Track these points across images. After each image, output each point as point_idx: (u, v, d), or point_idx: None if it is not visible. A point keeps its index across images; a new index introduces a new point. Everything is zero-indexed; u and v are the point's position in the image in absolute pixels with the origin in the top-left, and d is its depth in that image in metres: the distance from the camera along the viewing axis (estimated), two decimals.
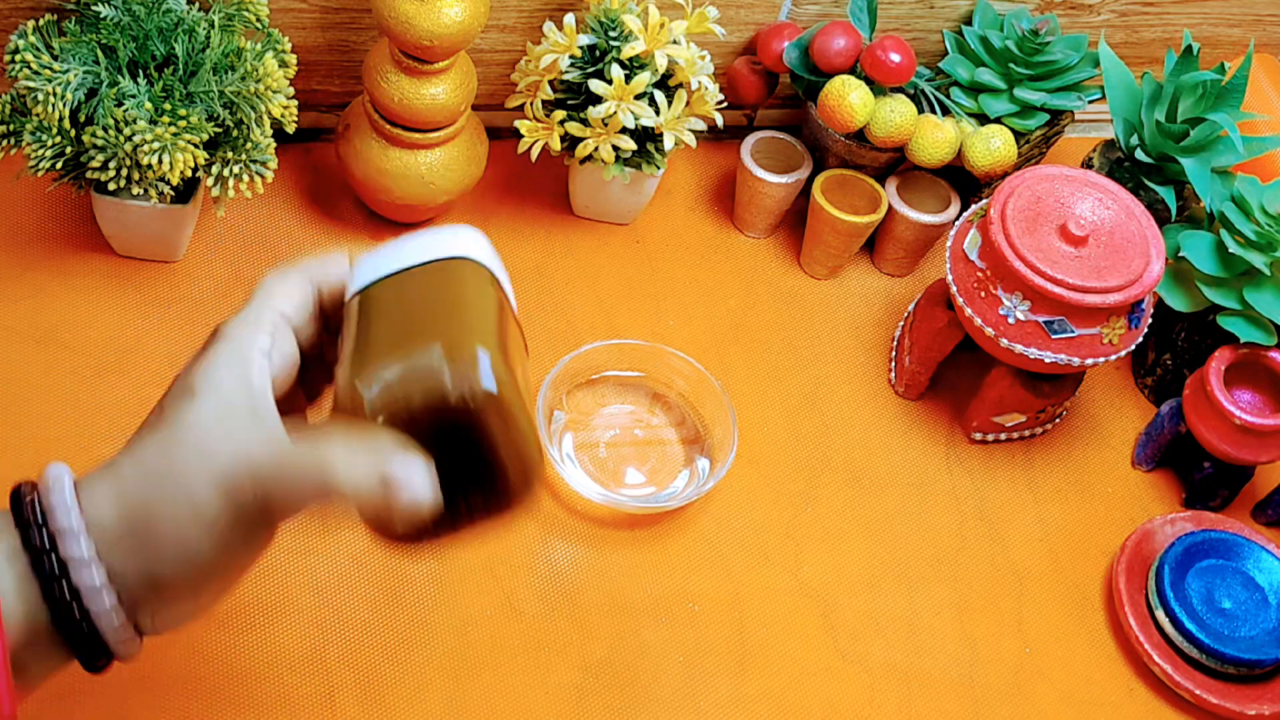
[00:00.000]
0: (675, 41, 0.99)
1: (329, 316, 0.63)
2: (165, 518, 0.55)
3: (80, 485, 0.57)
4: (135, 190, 0.88)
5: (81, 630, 0.55)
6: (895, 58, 1.04)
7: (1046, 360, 0.94)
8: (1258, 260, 0.97)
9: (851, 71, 1.06)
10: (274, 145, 0.91)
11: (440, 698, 0.84)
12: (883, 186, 1.08)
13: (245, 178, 0.90)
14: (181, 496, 0.55)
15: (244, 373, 0.57)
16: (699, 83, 1.00)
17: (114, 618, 0.56)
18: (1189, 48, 1.02)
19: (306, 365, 0.62)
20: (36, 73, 0.85)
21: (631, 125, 0.98)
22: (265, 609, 0.85)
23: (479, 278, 0.62)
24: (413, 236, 0.62)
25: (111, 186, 0.89)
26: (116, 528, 0.56)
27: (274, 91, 0.88)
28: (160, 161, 0.85)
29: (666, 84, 1.01)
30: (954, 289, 0.96)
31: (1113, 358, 0.95)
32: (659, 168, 1.03)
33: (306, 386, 0.64)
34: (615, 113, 0.97)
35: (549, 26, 0.99)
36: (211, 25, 0.89)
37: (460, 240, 0.62)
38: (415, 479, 0.54)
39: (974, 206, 1.00)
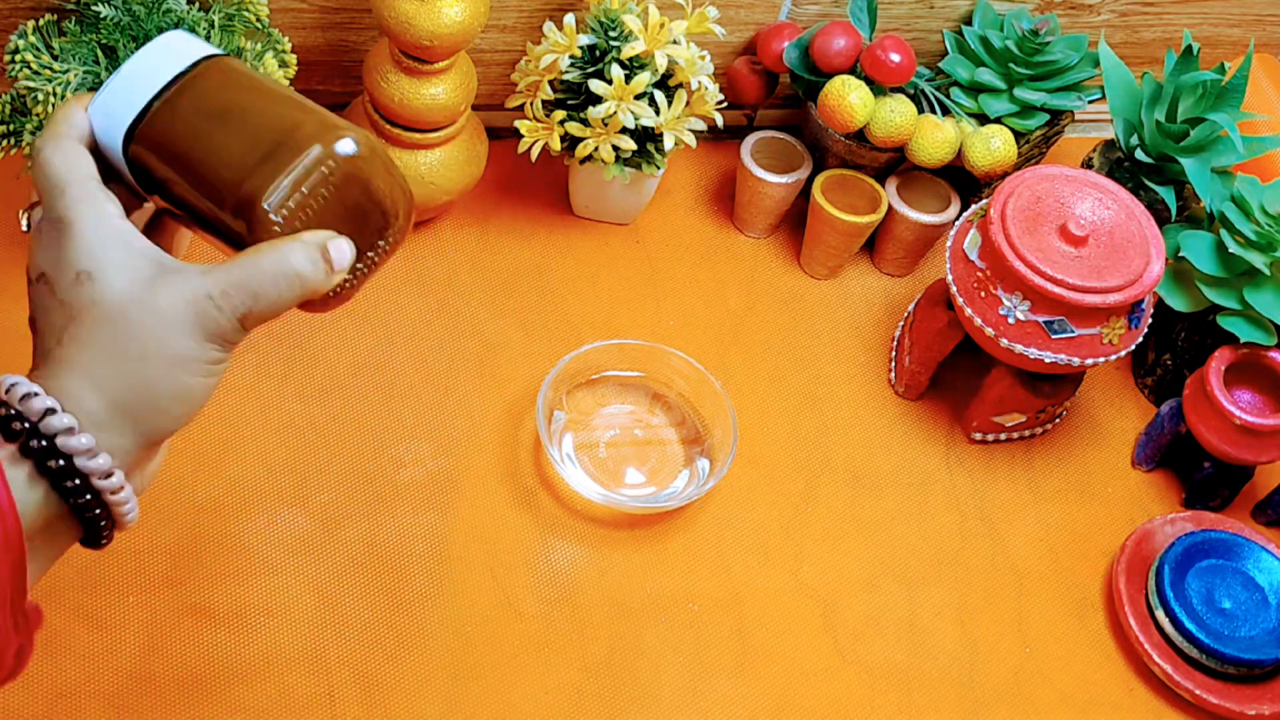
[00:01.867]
0: (675, 41, 0.99)
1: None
2: (161, 390, 0.60)
3: (48, 387, 0.59)
4: None
5: (95, 512, 0.59)
6: (895, 58, 1.04)
7: (1046, 360, 0.94)
8: (1258, 260, 0.97)
9: (851, 71, 1.06)
10: None
11: (440, 697, 0.84)
12: (883, 186, 1.08)
13: None
14: (167, 361, 0.59)
15: (121, 240, 0.61)
16: (699, 83, 1.00)
17: (125, 495, 0.60)
18: (1189, 48, 1.02)
19: None
20: (37, 73, 0.85)
21: (631, 125, 0.98)
22: (265, 609, 0.85)
23: (238, 65, 0.64)
24: (130, 64, 0.62)
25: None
26: (105, 414, 0.59)
27: None
28: None
29: (666, 84, 1.01)
30: (954, 289, 0.96)
31: (1113, 358, 0.95)
32: (659, 168, 1.03)
33: None
34: (615, 113, 0.97)
35: (549, 26, 0.99)
36: (212, 25, 0.89)
37: (183, 44, 0.63)
38: (344, 251, 0.61)
39: (974, 206, 1.00)
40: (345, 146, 0.60)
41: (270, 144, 0.60)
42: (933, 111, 1.08)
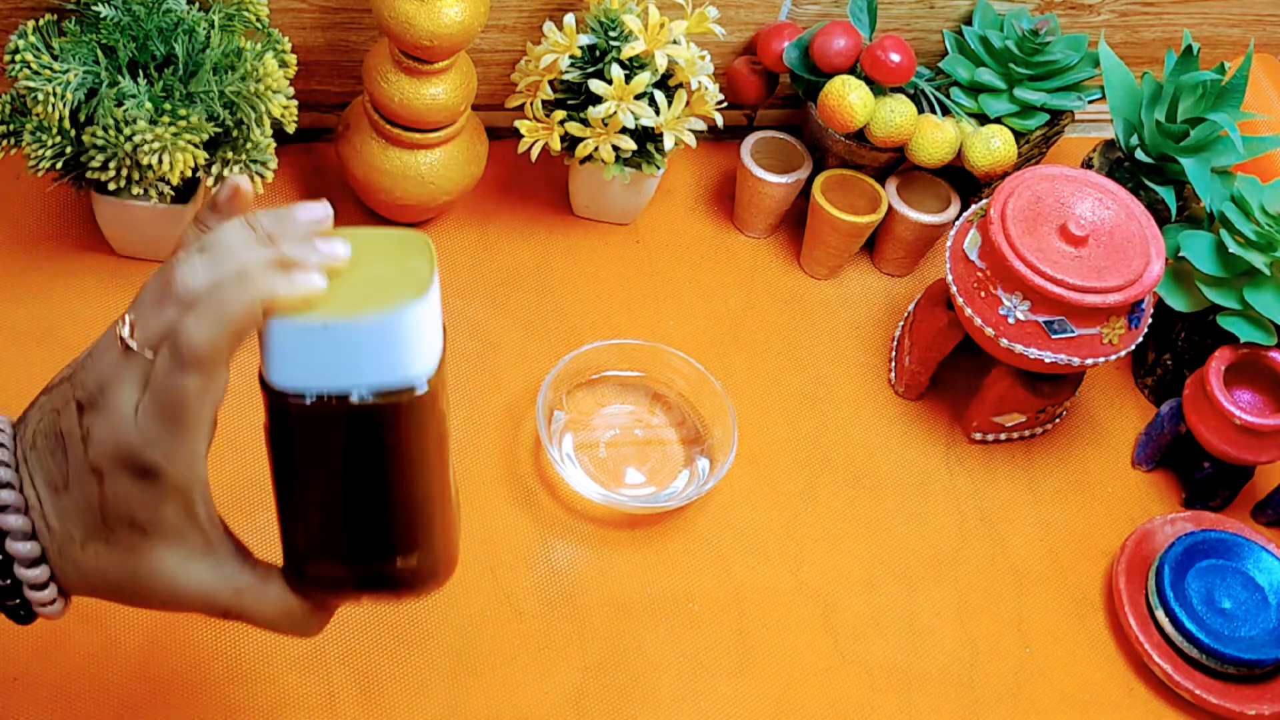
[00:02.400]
0: (675, 41, 0.99)
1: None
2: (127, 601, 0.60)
3: (40, 535, 0.58)
4: (135, 190, 0.88)
5: (14, 602, 0.58)
6: (895, 58, 1.04)
7: (1046, 360, 0.94)
8: (1258, 260, 0.97)
9: (851, 71, 1.06)
10: (274, 145, 0.91)
11: (440, 698, 0.84)
12: (883, 186, 1.08)
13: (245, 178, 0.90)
14: (152, 606, 0.60)
15: (191, 513, 0.59)
16: (699, 83, 1.00)
17: (55, 612, 0.59)
18: (1189, 48, 1.02)
19: None
20: (37, 73, 0.85)
21: (631, 125, 0.98)
22: None
23: (424, 413, 0.57)
24: (363, 324, 0.53)
25: (112, 186, 0.89)
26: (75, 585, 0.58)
27: (274, 91, 0.88)
28: (160, 161, 0.85)
29: (666, 84, 1.01)
30: (954, 289, 0.96)
31: (1113, 358, 0.95)
32: (659, 168, 1.03)
33: None
34: (615, 113, 0.97)
35: (549, 26, 0.99)
36: (211, 25, 0.89)
37: (422, 337, 0.55)
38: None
39: (974, 206, 1.00)
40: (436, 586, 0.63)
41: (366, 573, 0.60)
42: (933, 111, 1.08)
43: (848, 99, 1.03)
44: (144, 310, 0.57)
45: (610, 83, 0.97)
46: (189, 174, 0.87)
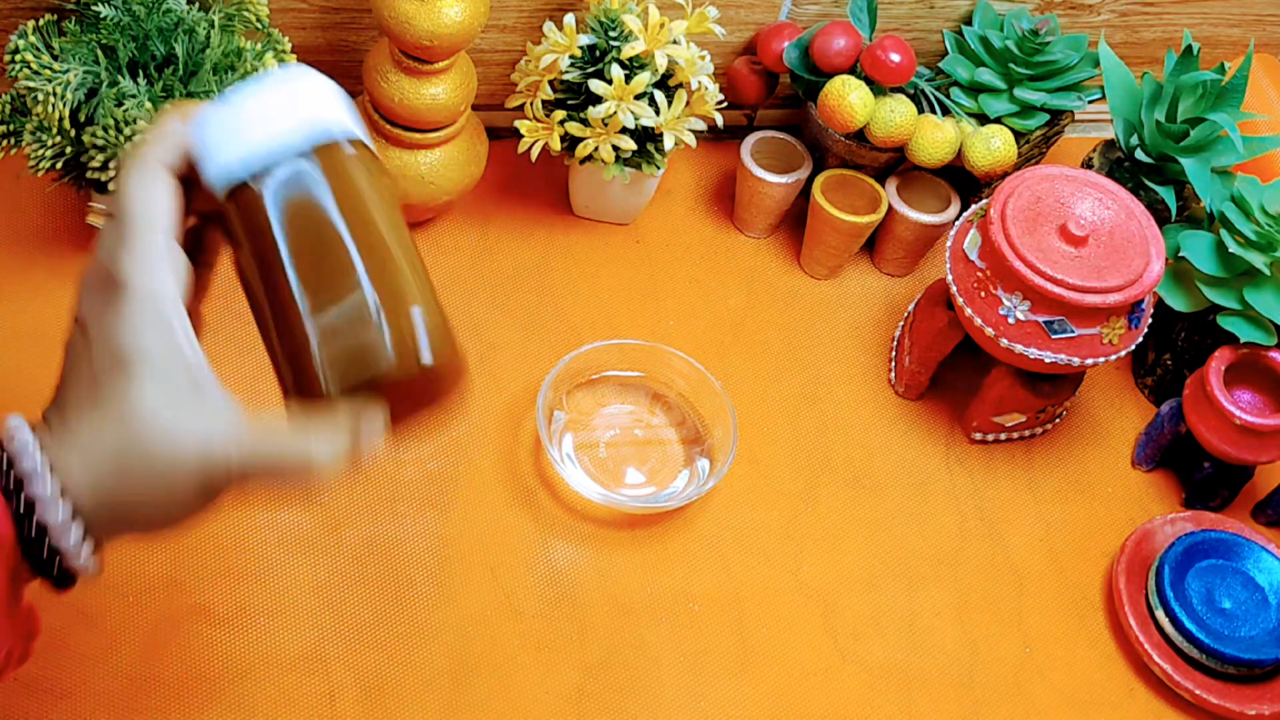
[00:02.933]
0: (675, 41, 0.99)
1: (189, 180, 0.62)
2: (150, 510, 0.59)
3: (49, 452, 0.59)
4: None
5: (54, 576, 0.59)
6: (895, 58, 1.04)
7: (1046, 360, 0.94)
8: (1258, 260, 0.97)
9: (851, 71, 1.06)
10: None
11: (440, 697, 0.84)
12: (883, 186, 1.08)
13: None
14: (157, 486, 0.58)
15: (171, 339, 0.58)
16: (699, 83, 1.00)
17: (90, 567, 0.59)
18: (1189, 48, 1.02)
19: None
20: (37, 73, 0.85)
21: (631, 125, 0.98)
22: (265, 609, 0.85)
23: (365, 168, 0.60)
24: (264, 93, 0.57)
25: (111, 186, 0.89)
26: (89, 505, 0.58)
27: None
28: None
29: (666, 84, 1.01)
30: (954, 289, 0.96)
31: (1113, 358, 0.95)
32: (659, 168, 1.03)
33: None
34: (615, 113, 0.97)
35: (549, 26, 0.99)
36: (212, 25, 0.89)
37: (323, 98, 0.59)
38: (376, 437, 0.59)
39: (974, 206, 1.00)
40: (425, 356, 0.58)
41: (352, 316, 0.57)
42: (933, 111, 1.08)
43: (848, 99, 1.03)
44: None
45: (610, 83, 0.97)
46: None
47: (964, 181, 1.10)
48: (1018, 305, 0.93)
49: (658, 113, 0.99)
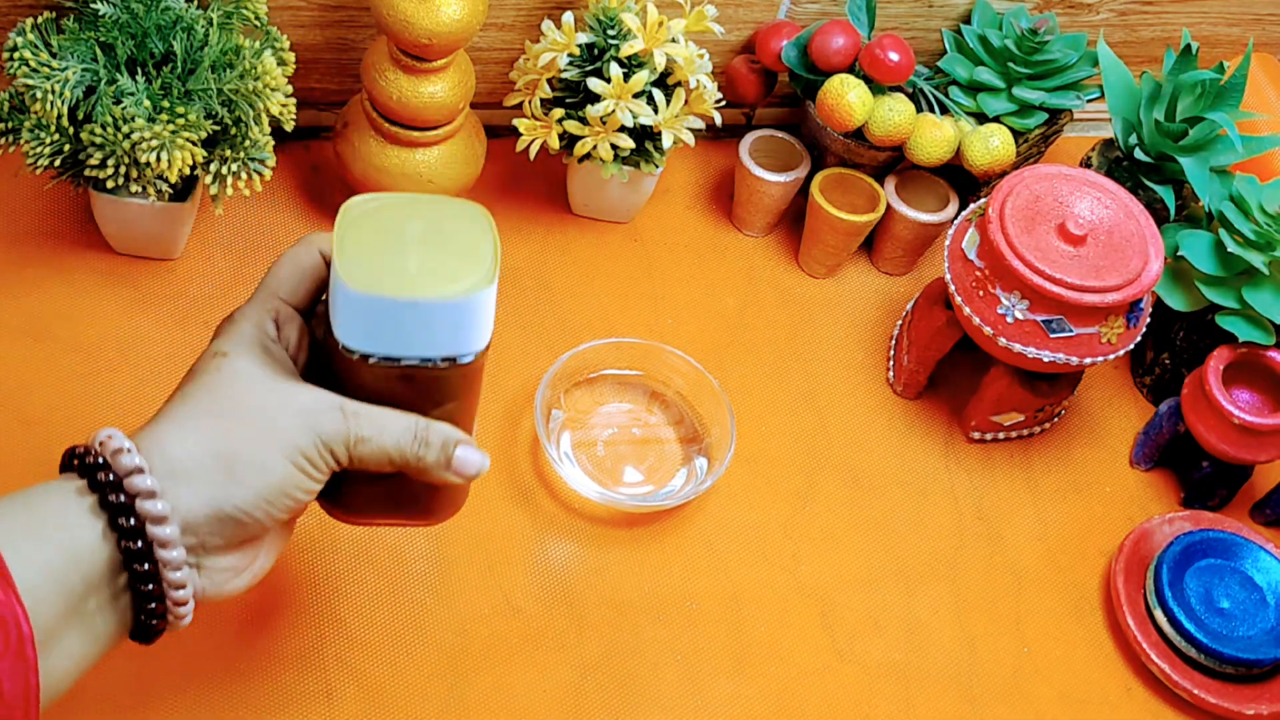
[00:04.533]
0: (674, 40, 0.99)
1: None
2: (245, 456, 0.61)
3: (145, 444, 0.60)
4: (133, 188, 0.88)
5: (149, 587, 0.60)
6: (894, 56, 1.04)
7: (1045, 359, 0.94)
8: (1256, 260, 0.97)
9: (850, 70, 1.06)
10: (272, 143, 0.91)
11: (438, 696, 0.84)
12: (881, 185, 1.08)
13: (243, 176, 0.90)
14: (265, 430, 0.61)
15: (265, 337, 0.64)
16: (697, 81, 1.00)
17: (188, 605, 0.61)
18: (1188, 47, 1.02)
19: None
20: (35, 70, 0.85)
21: (630, 124, 0.98)
22: (264, 608, 0.85)
23: (474, 374, 0.66)
24: (427, 308, 0.61)
25: (110, 184, 0.89)
26: (183, 464, 0.60)
27: (272, 89, 0.88)
28: (158, 159, 0.85)
29: (665, 82, 1.01)
30: (952, 288, 0.96)
31: (1111, 357, 0.95)
32: (657, 166, 1.03)
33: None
34: (614, 111, 0.97)
35: (547, 25, 0.99)
36: (210, 23, 0.89)
37: (473, 315, 0.63)
38: (470, 463, 0.66)
39: (972, 205, 1.00)
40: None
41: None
42: (931, 110, 1.08)
43: (846, 98, 1.03)
44: None
45: (609, 81, 0.97)
46: (187, 172, 0.86)
47: (962, 180, 1.10)
48: (1016, 304, 0.93)
49: (656, 111, 0.99)
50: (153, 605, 0.60)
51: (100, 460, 0.59)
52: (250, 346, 0.63)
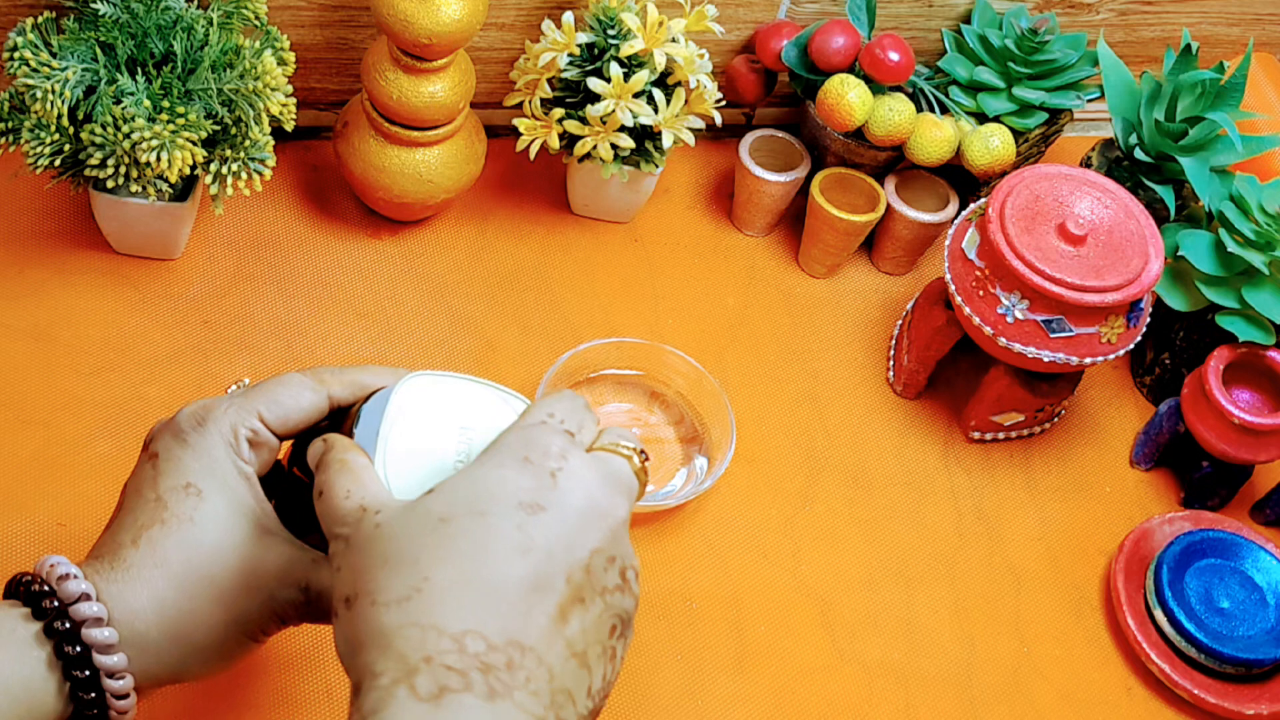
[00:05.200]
0: (674, 40, 0.99)
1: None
2: (213, 638, 0.60)
3: (104, 590, 0.59)
4: (134, 188, 0.88)
5: (93, 710, 0.59)
6: (894, 56, 1.04)
7: (1045, 359, 0.94)
8: (1256, 259, 0.97)
9: (850, 70, 1.06)
10: (272, 143, 0.91)
11: None
12: (881, 185, 1.08)
13: (244, 175, 0.90)
14: (234, 613, 0.59)
15: (238, 466, 0.61)
16: (697, 81, 1.00)
17: (126, 703, 0.60)
18: (1188, 46, 1.02)
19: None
20: (35, 70, 0.85)
21: (630, 123, 0.98)
22: None
23: None
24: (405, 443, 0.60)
25: (110, 184, 0.89)
26: (155, 640, 0.59)
27: (272, 89, 0.88)
28: (159, 159, 0.85)
29: (665, 82, 1.01)
30: (952, 288, 0.96)
31: (1111, 357, 0.95)
32: (657, 166, 1.03)
33: None
34: (614, 111, 0.97)
35: (547, 25, 0.99)
36: (210, 23, 0.89)
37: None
38: None
39: (972, 205, 1.00)
40: None
41: None
42: (931, 110, 1.08)
43: (846, 97, 1.03)
44: None
45: (609, 81, 0.97)
46: (187, 172, 0.86)
47: (962, 180, 1.10)
48: (1016, 304, 0.93)
49: (656, 111, 0.99)
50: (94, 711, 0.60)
51: (46, 588, 0.58)
52: (223, 485, 0.61)
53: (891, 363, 1.06)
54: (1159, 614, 0.93)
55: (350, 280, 1.01)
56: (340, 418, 0.65)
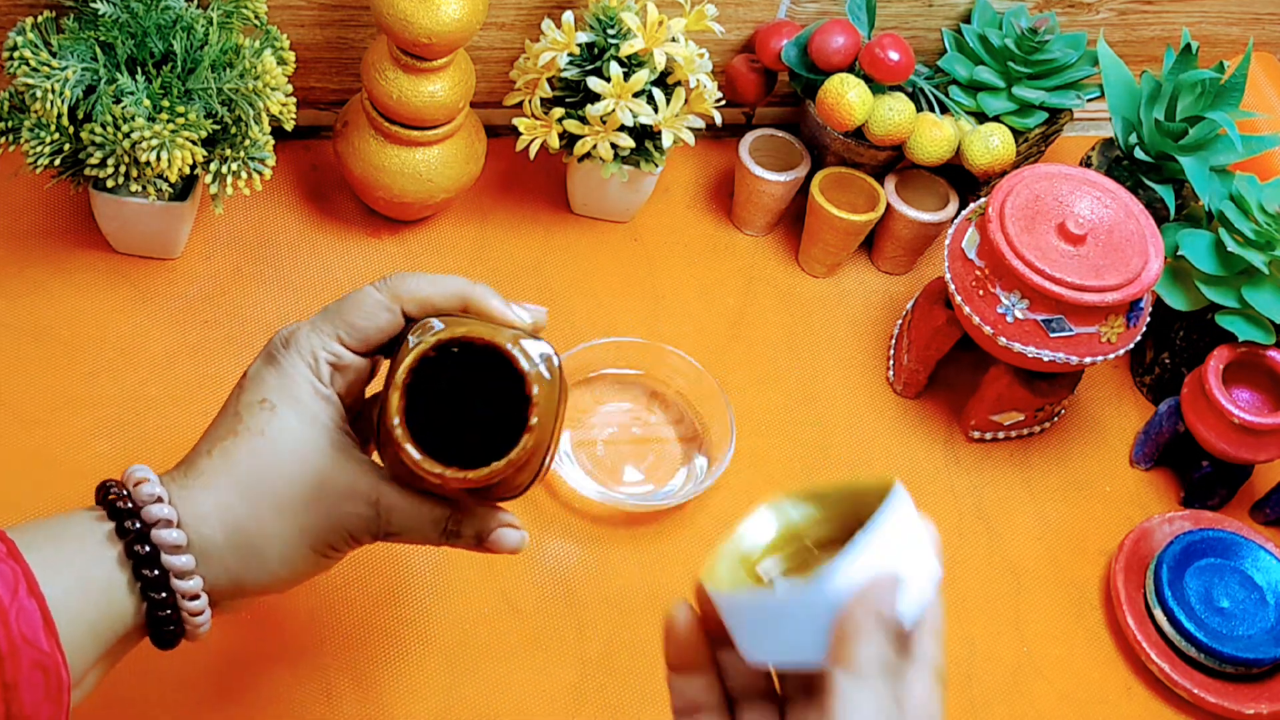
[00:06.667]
0: (674, 39, 0.99)
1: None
2: (276, 550, 0.62)
3: (176, 495, 0.61)
4: (133, 187, 0.88)
5: (173, 634, 0.62)
6: (894, 56, 1.04)
7: (1045, 359, 0.94)
8: (1256, 259, 0.97)
9: (850, 69, 1.06)
10: (272, 142, 0.91)
11: (438, 695, 0.84)
12: (881, 185, 1.08)
13: (243, 175, 0.90)
14: (298, 526, 0.61)
15: (316, 387, 0.63)
16: (697, 80, 1.00)
17: (206, 625, 0.63)
18: (1188, 46, 1.02)
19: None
20: (35, 70, 0.85)
21: (630, 123, 0.98)
22: (264, 607, 0.85)
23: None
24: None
25: (110, 184, 0.89)
26: (216, 546, 0.61)
27: (272, 89, 0.88)
28: (158, 159, 0.85)
29: (665, 82, 1.01)
30: (952, 287, 0.96)
31: (1111, 356, 0.95)
32: (657, 165, 1.03)
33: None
34: (614, 110, 0.97)
35: (548, 24, 0.99)
36: (210, 22, 0.89)
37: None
38: (508, 542, 0.66)
39: (972, 205, 1.00)
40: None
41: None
42: (931, 110, 1.08)
43: (846, 97, 1.03)
44: None
45: (609, 80, 0.97)
46: (187, 171, 0.86)
47: (962, 180, 1.10)
48: (1016, 304, 0.93)
49: (656, 110, 0.99)
50: (171, 628, 0.62)
51: (124, 493, 0.61)
52: (298, 402, 0.62)
53: (891, 362, 1.06)
54: (1159, 613, 0.93)
55: (350, 280, 1.01)
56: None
